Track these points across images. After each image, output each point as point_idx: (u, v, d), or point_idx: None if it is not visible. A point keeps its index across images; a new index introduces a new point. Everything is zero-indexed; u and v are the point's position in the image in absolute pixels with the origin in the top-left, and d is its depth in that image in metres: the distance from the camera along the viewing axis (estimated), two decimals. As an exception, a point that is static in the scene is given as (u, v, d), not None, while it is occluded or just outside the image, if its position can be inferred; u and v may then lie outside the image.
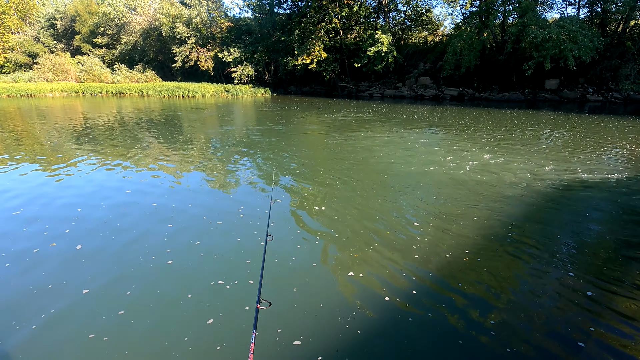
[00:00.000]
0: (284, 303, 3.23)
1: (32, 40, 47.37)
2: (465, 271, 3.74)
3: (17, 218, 5.05)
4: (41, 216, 5.11)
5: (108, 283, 3.47)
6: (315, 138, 12.06)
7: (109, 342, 2.70)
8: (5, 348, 2.66)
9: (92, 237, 4.46)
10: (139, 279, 3.54)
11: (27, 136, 11.84)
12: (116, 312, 3.03)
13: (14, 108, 21.89)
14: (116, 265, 3.82)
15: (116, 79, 40.27)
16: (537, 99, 27.68)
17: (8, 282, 3.49)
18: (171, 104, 25.69)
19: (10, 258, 3.92)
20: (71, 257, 3.95)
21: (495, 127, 14.16)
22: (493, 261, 3.94)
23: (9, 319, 2.97)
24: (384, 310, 3.13)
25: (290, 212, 5.40)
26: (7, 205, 5.55)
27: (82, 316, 3.00)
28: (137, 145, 10.44)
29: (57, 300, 3.20)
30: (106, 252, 4.11)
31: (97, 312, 3.04)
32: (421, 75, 32.83)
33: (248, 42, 36.99)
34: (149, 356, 2.60)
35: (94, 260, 3.90)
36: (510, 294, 3.38)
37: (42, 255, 4.01)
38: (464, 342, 2.76)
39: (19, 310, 3.08)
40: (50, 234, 4.53)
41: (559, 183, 6.85)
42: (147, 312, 3.06)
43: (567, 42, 23.43)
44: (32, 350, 2.65)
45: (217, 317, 2.99)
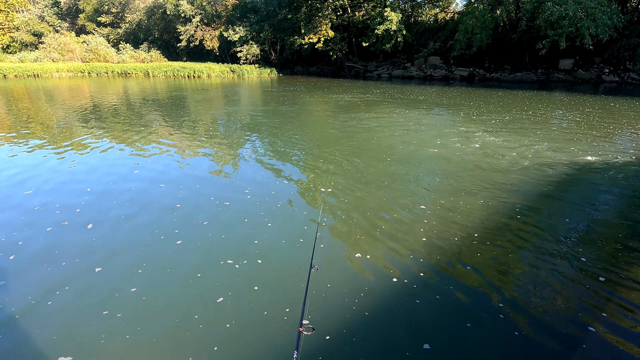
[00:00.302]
0: (291, 283, 3.27)
1: (36, 19, 46.87)
2: (473, 254, 3.73)
3: (29, 197, 5.13)
4: (52, 196, 5.19)
5: (119, 261, 3.54)
6: (321, 119, 11.92)
7: (122, 318, 2.77)
8: (23, 323, 2.75)
9: (102, 217, 4.53)
10: (149, 258, 3.60)
11: (35, 117, 11.89)
12: (128, 289, 3.11)
13: (22, 88, 21.93)
14: (126, 244, 3.88)
15: (121, 58, 39.92)
16: (550, 79, 26.90)
17: (22, 259, 3.57)
18: (177, 84, 25.50)
19: (23, 236, 4.00)
20: (82, 236, 4.02)
21: (506, 108, 13.85)
22: (501, 243, 3.92)
23: (25, 295, 3.06)
24: (392, 292, 3.15)
25: (298, 193, 5.40)
26: (18, 185, 5.63)
27: (96, 293, 3.08)
28: (144, 126, 10.44)
29: (71, 278, 3.28)
30: (116, 231, 4.17)
31: (110, 289, 3.12)
32: (431, 55, 31.99)
33: (254, 21, 36.19)
34: (161, 332, 2.66)
35: (104, 239, 3.97)
36: (519, 277, 3.38)
37: (54, 234, 4.08)
38: (472, 325, 2.78)
39: (35, 286, 3.17)
40: (62, 213, 4.60)
41: (569, 165, 6.73)
42: (159, 290, 3.13)
43: (584, 19, 22.50)
44: (50, 326, 2.73)
45: (227, 295, 3.05)
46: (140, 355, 2.47)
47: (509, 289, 3.19)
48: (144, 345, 2.54)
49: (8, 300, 2.99)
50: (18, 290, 3.12)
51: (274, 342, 2.60)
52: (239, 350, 2.53)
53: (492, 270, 3.47)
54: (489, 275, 3.38)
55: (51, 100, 16.39)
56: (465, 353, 2.53)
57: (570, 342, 2.62)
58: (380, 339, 2.64)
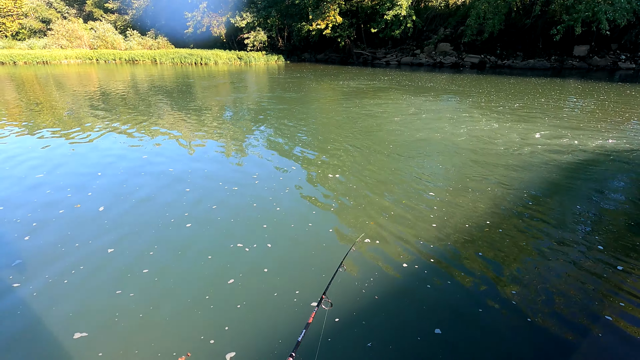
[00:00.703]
0: (303, 264, 3.28)
1: (44, 6, 46.81)
2: (484, 241, 3.70)
3: (41, 181, 5.20)
4: (63, 180, 5.25)
5: (131, 243, 3.58)
6: (327, 106, 11.81)
7: (135, 298, 2.82)
8: (41, 300, 2.81)
9: (113, 200, 4.58)
10: (160, 240, 3.64)
11: (45, 103, 11.98)
12: (140, 270, 3.15)
13: (32, 75, 22.06)
14: (137, 227, 3.92)
15: (129, 45, 39.83)
16: (564, 66, 26.22)
17: (37, 239, 3.64)
18: (184, 72, 25.43)
19: (38, 218, 4.07)
20: (95, 219, 4.08)
21: (517, 95, 13.56)
22: (512, 231, 3.88)
23: (43, 274, 3.13)
24: (402, 277, 3.15)
25: (306, 178, 5.38)
26: (29, 169, 5.70)
27: (109, 273, 3.13)
28: (151, 112, 10.46)
29: (85, 258, 3.33)
30: (127, 214, 4.21)
31: (122, 270, 3.17)
32: (441, 42, 31.33)
33: (261, 7, 35.70)
34: (172, 312, 2.70)
35: (116, 222, 4.02)
36: (531, 264, 3.34)
37: (67, 216, 4.15)
38: (483, 311, 2.76)
39: (51, 265, 3.24)
40: (74, 197, 4.66)
41: (581, 153, 6.59)
42: (170, 271, 3.17)
43: (601, 3, 21.75)
44: (66, 303, 2.79)
45: (237, 277, 3.07)
46: (152, 333, 2.51)
47: (521, 277, 3.16)
48: (156, 324, 2.59)
49: (25, 279, 3.06)
50: (35, 269, 3.19)
51: (284, 322, 2.62)
52: (249, 330, 2.56)
53: (504, 257, 3.44)
54: (501, 263, 3.35)
55: (60, 87, 16.48)
56: (477, 339, 2.53)
57: (584, 331, 2.60)
58: (390, 323, 2.65)
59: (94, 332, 2.50)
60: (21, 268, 3.21)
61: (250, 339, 2.47)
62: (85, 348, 2.38)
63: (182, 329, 2.55)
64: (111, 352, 2.36)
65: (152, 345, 2.42)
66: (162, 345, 2.41)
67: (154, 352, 2.36)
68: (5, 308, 2.74)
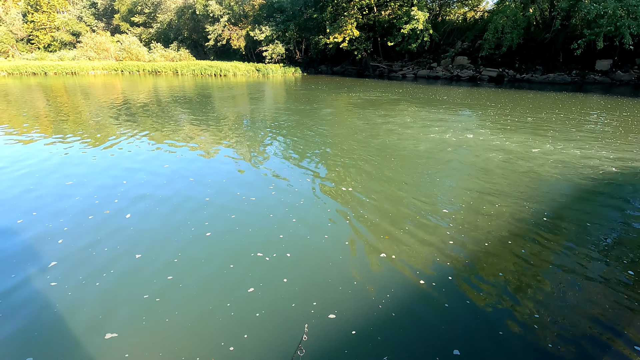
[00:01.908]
0: (320, 276, 3.35)
1: (75, 19, 49.32)
2: (504, 260, 3.67)
3: (70, 188, 5.47)
4: (91, 187, 5.51)
5: (156, 250, 3.74)
6: (342, 118, 11.95)
7: (161, 303, 2.95)
8: (75, 300, 3.00)
9: (138, 208, 4.78)
10: (183, 248, 3.79)
11: (72, 112, 12.57)
12: (165, 277, 3.29)
13: (61, 85, 23.16)
14: (161, 234, 4.09)
15: (152, 57, 41.38)
16: (586, 81, 25.74)
17: (69, 243, 3.85)
18: (204, 83, 26.18)
19: (68, 223, 4.29)
20: (122, 225, 4.27)
21: (536, 110, 13.41)
22: (531, 250, 3.85)
23: (77, 275, 3.33)
24: (420, 294, 3.15)
25: (320, 190, 5.48)
26: (59, 176, 6.00)
27: (137, 278, 3.30)
28: (172, 123, 10.83)
29: (115, 262, 3.52)
30: (151, 221, 4.39)
31: (149, 275, 3.32)
32: (458, 55, 31.31)
33: (280, 20, 36.60)
34: (196, 317, 2.81)
35: (141, 229, 4.20)
36: (553, 285, 3.29)
37: (96, 221, 4.36)
38: (504, 333, 2.73)
39: (84, 268, 3.44)
40: (101, 203, 4.89)
41: (603, 171, 6.47)
42: (193, 278, 3.29)
43: (624, 17, 21.39)
44: (99, 304, 2.97)
45: (258, 286, 3.17)
46: (176, 337, 2.62)
47: (541, 298, 3.11)
48: (180, 329, 2.70)
49: (61, 279, 3.27)
50: (69, 270, 3.40)
51: (301, 333, 2.68)
52: (267, 340, 2.63)
53: (524, 277, 3.40)
54: (522, 283, 3.32)
55: (87, 96, 17.24)
56: (497, 360, 2.51)
57: (607, 355, 2.56)
58: (407, 340, 2.66)
59: (123, 333, 2.64)
60: (57, 269, 3.42)
61: (267, 349, 2.55)
62: (115, 348, 2.51)
63: (204, 335, 2.65)
64: (137, 354, 2.48)
65: (176, 349, 2.53)
66: (185, 349, 2.51)
67: (178, 355, 2.47)
68: (44, 305, 2.94)
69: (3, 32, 48.03)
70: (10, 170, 6.19)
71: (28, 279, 3.28)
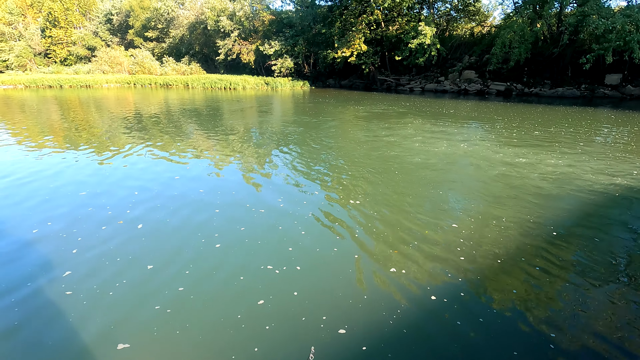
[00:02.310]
0: (328, 290, 3.34)
1: (91, 35, 50.96)
2: (514, 277, 3.61)
3: (84, 198, 5.58)
4: (105, 197, 5.61)
5: (167, 261, 3.78)
6: (349, 131, 12.03)
7: (172, 314, 2.97)
8: (89, 308, 3.05)
9: (150, 218, 4.84)
10: (193, 260, 3.82)
11: (85, 124, 12.88)
12: (177, 288, 3.32)
13: (75, 98, 23.79)
14: (172, 245, 4.13)
15: (164, 71, 42.41)
16: (595, 95, 25.60)
17: (83, 252, 3.91)
18: (214, 96, 26.66)
19: (82, 232, 4.37)
20: (134, 235, 4.33)
21: (545, 124, 13.34)
22: (544, 267, 3.79)
23: (91, 284, 3.39)
24: (432, 310, 3.11)
25: (328, 203, 5.49)
26: (73, 187, 6.12)
27: (149, 288, 3.33)
28: (182, 135, 11.02)
29: (127, 272, 3.56)
30: (162, 232, 4.45)
31: (160, 286, 3.35)
32: (465, 69, 31.47)
33: (289, 35, 37.34)
34: (206, 329, 2.82)
35: (152, 239, 4.25)
36: (568, 305, 3.21)
37: (109, 232, 4.43)
38: (519, 354, 2.66)
39: (97, 277, 3.50)
40: (114, 214, 4.97)
41: (612, 185, 6.38)
42: (204, 290, 3.31)
43: (633, 32, 21.38)
44: (112, 313, 3.00)
45: (268, 298, 3.17)
46: (187, 349, 2.63)
47: (555, 319, 3.03)
48: (191, 340, 2.70)
49: (75, 288, 3.33)
50: (83, 280, 3.45)
51: (310, 348, 2.67)
52: (277, 353, 2.62)
53: (536, 296, 3.34)
54: (534, 302, 3.25)
55: (100, 109, 17.67)
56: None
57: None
58: (419, 357, 2.63)
59: (135, 343, 2.66)
60: (71, 278, 3.48)
61: (279, 361, 2.54)
62: (126, 359, 2.52)
63: (214, 347, 2.65)
64: (149, 366, 2.48)
65: (187, 361, 2.53)
66: (196, 362, 2.51)
67: (189, 368, 2.47)
68: (58, 313, 2.99)
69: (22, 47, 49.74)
70: (27, 181, 6.34)
71: (43, 287, 3.34)
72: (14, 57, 48.88)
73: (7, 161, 7.73)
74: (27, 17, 54.00)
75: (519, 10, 28.04)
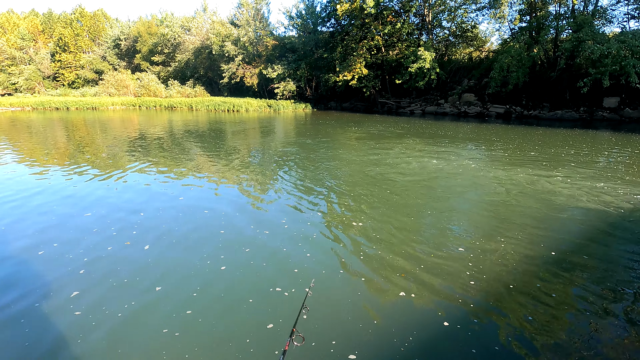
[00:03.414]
0: (337, 314, 3.28)
1: (99, 59, 52.45)
2: (528, 301, 3.52)
3: (89, 219, 5.58)
4: (109, 218, 5.61)
5: (175, 283, 3.74)
6: (350, 152, 12.13)
7: (180, 338, 2.91)
8: (100, 331, 3.00)
9: (156, 239, 4.83)
10: (201, 282, 3.78)
11: (90, 145, 13.04)
12: (185, 311, 3.27)
13: (81, 119, 24.19)
14: (180, 267, 4.10)
15: (169, 93, 43.35)
16: (594, 118, 25.91)
17: (91, 273, 3.88)
18: (217, 118, 27.08)
19: (89, 254, 4.35)
20: (141, 257, 4.30)
21: (546, 146, 13.45)
22: (555, 291, 3.73)
23: (100, 306, 3.36)
24: (445, 337, 3.01)
25: (333, 225, 5.47)
26: (77, 208, 6.13)
27: (157, 311, 3.29)
28: (185, 156, 11.13)
29: (135, 295, 3.53)
30: (169, 254, 4.42)
31: (169, 309, 3.31)
32: (465, 92, 32.05)
33: (291, 59, 38.34)
34: (215, 354, 2.76)
35: (159, 261, 4.22)
36: (579, 330, 3.14)
37: (115, 252, 4.40)
38: None
39: (106, 298, 3.47)
40: (118, 235, 4.96)
41: (616, 207, 6.36)
42: (212, 313, 3.26)
43: (628, 57, 21.90)
44: (122, 336, 2.96)
45: (277, 322, 3.11)
46: (196, 375, 2.56)
47: (572, 347, 2.94)
48: (199, 366, 2.64)
49: (85, 309, 3.32)
50: (92, 301, 3.44)
51: None
52: (289, 379, 2.55)
53: (552, 322, 3.23)
54: (551, 329, 3.16)
55: (105, 130, 17.93)
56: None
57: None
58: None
59: (143, 370, 2.59)
60: (80, 299, 3.46)
61: (290, 388, 2.46)
62: (134, 386, 2.46)
63: (223, 373, 2.58)
64: (157, 392, 2.41)
65: (195, 387, 2.46)
66: (205, 389, 2.44)
67: (198, 395, 2.40)
68: (69, 335, 2.97)
69: (31, 71, 51.09)
70: (33, 205, 6.33)
71: (51, 308, 3.32)
72: (23, 80, 50.13)
73: (11, 180, 7.78)
74: (38, 42, 55.78)
75: (516, 36, 28.90)
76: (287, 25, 41.10)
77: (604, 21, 28.01)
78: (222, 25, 42.94)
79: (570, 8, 27.04)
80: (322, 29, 39.07)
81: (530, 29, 27.64)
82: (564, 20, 26.51)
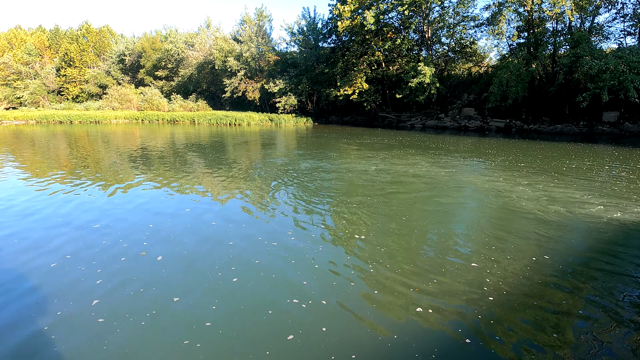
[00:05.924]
0: (355, 327, 3.25)
1: (104, 74, 53.18)
2: (556, 318, 3.45)
3: (98, 231, 5.59)
4: (119, 230, 5.61)
5: (191, 295, 3.73)
6: (351, 165, 12.19)
7: (202, 349, 2.89)
8: (123, 340, 2.99)
9: (167, 251, 4.82)
10: (217, 294, 3.76)
11: (94, 158, 13.10)
12: (204, 323, 3.25)
13: (83, 133, 24.36)
14: (191, 278, 4.09)
15: (171, 107, 43.77)
16: (594, 132, 26.14)
17: (106, 283, 3.86)
18: (219, 131, 27.28)
19: (102, 265, 4.34)
20: (154, 267, 4.30)
21: (546, 159, 13.54)
22: (578, 306, 3.71)
23: (123, 314, 3.37)
24: (467, 356, 2.93)
25: (341, 237, 5.46)
26: (86, 220, 6.14)
27: (176, 322, 3.28)
28: (188, 168, 11.18)
29: (153, 305, 3.52)
30: (181, 265, 4.41)
31: (188, 320, 3.30)
32: (465, 106, 32.43)
33: (293, 74, 38.92)
34: (236, 367, 2.73)
35: (172, 272, 4.21)
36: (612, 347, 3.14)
37: (128, 263, 4.39)
38: None
39: (126, 308, 3.48)
40: (129, 247, 4.95)
41: (620, 221, 6.35)
42: (232, 325, 3.24)
43: (626, 72, 22.26)
44: (146, 346, 2.96)
45: (297, 334, 3.09)
46: (218, 388, 2.52)
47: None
48: (220, 379, 2.61)
49: (107, 317, 3.34)
50: (114, 310, 3.46)
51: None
52: (311, 392, 2.51)
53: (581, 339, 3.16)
54: (577, 346, 3.09)
55: (107, 144, 18.04)
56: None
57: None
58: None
59: (166, 382, 2.56)
60: (101, 308, 3.47)
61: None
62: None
63: (245, 386, 2.55)
64: (179, 405, 2.38)
65: (218, 400, 2.42)
66: (228, 402, 2.41)
67: (221, 408, 2.36)
68: (91, 343, 2.99)
69: (37, 85, 51.75)
70: (41, 217, 6.33)
71: (73, 318, 3.34)
72: (27, 95, 50.72)
73: (16, 193, 7.80)
74: (44, 57, 56.69)
75: (514, 51, 29.44)
76: (289, 41, 41.82)
77: (600, 37, 28.60)
78: (225, 41, 43.73)
79: (567, 25, 27.66)
80: (323, 44, 39.82)
81: (529, 45, 28.18)
82: (561, 37, 27.07)
